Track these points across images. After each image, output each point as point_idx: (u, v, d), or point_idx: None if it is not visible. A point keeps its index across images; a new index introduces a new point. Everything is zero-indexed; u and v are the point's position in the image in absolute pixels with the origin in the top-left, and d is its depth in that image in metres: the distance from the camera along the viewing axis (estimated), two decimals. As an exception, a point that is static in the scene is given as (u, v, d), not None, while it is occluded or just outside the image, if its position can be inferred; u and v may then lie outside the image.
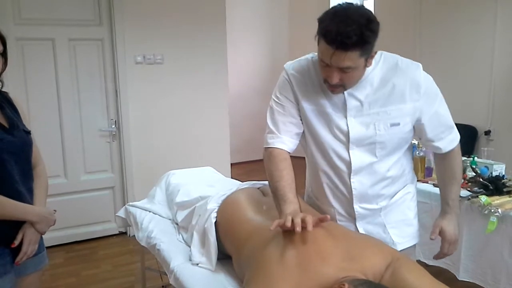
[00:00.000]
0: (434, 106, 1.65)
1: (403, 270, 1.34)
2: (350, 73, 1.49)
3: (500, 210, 2.34)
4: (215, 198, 2.00)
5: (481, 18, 4.24)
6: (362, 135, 1.63)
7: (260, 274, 1.35)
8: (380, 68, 1.61)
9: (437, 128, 1.68)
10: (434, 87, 1.66)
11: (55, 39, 3.72)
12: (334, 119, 1.65)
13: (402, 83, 1.59)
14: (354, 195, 1.70)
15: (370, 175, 1.68)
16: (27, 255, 1.68)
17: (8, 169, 1.62)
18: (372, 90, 1.61)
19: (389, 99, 1.61)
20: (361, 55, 1.45)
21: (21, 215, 1.67)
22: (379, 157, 1.66)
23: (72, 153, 3.92)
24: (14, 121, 1.70)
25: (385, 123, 1.61)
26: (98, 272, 3.51)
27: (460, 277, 2.55)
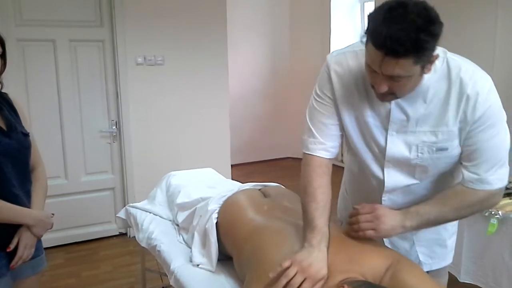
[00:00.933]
0: (485, 134, 1.35)
1: (403, 272, 1.33)
2: (401, 82, 1.25)
3: (501, 212, 2.33)
4: (216, 199, 2.00)
5: (482, 20, 4.23)
6: (400, 155, 1.43)
7: (260, 275, 1.35)
8: (438, 77, 1.35)
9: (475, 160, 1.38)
10: (495, 113, 1.35)
11: (56, 40, 3.72)
12: (373, 130, 1.44)
13: (457, 96, 1.34)
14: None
15: (405, 195, 1.50)
16: (23, 259, 1.66)
17: (5, 172, 1.61)
18: (424, 103, 1.36)
19: (442, 119, 1.36)
20: (416, 63, 1.20)
21: (17, 218, 1.65)
22: (419, 180, 1.46)
23: (73, 154, 3.92)
24: (12, 123, 1.68)
25: (430, 147, 1.39)
26: (98, 273, 3.50)
27: (461, 279, 2.55)
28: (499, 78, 4.16)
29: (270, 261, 1.37)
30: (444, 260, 1.65)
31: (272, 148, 7.14)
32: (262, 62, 7.03)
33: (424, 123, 1.38)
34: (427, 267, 1.60)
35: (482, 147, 1.35)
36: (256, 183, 2.17)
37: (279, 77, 7.08)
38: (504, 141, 1.37)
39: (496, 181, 1.38)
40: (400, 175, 1.47)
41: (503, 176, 1.39)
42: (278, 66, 7.09)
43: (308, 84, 7.02)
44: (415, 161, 1.42)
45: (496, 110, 1.35)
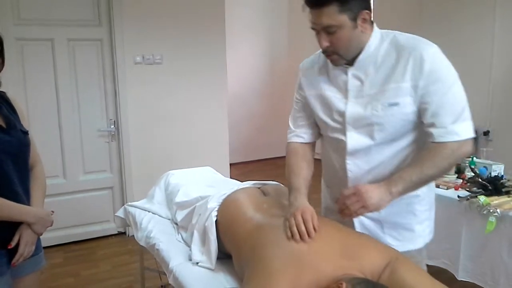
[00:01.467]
0: (438, 89, 1.48)
1: (402, 270, 1.34)
2: (336, 34, 1.47)
3: (499, 210, 2.34)
4: (215, 197, 2.00)
5: (480, 19, 4.24)
6: (358, 115, 1.57)
7: (259, 272, 1.35)
8: (385, 46, 1.55)
9: (436, 115, 1.50)
10: (444, 71, 1.50)
11: (54, 39, 3.72)
12: (333, 102, 1.62)
13: (405, 59, 1.50)
14: (349, 177, 1.65)
15: (368, 158, 1.60)
16: (24, 256, 1.67)
17: (5, 169, 1.61)
18: (375, 69, 1.54)
19: (390, 78, 1.52)
20: (341, 12, 1.43)
21: (18, 216, 1.65)
22: (378, 140, 1.57)
23: (71, 153, 3.92)
24: (11, 121, 1.69)
25: (383, 103, 1.53)
26: (97, 272, 3.50)
27: (459, 277, 2.56)
28: (497, 77, 4.20)
29: (269, 259, 1.37)
30: (411, 244, 1.69)
31: (271, 146, 7.14)
32: (260, 62, 7.03)
33: (376, 84, 1.54)
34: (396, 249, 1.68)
35: (441, 101, 1.49)
36: (255, 182, 2.17)
37: (277, 76, 7.08)
38: (459, 96, 1.53)
39: (463, 131, 1.50)
40: (360, 136, 1.59)
41: (468, 127, 1.52)
42: (276, 65, 7.09)
43: (307, 83, 6.84)
44: (371, 118, 1.55)
45: (443, 66, 1.51)
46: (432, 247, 2.68)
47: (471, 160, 2.93)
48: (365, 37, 1.54)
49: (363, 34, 1.52)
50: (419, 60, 1.48)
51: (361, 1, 1.47)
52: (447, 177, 2.93)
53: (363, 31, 1.51)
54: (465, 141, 1.51)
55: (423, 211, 1.70)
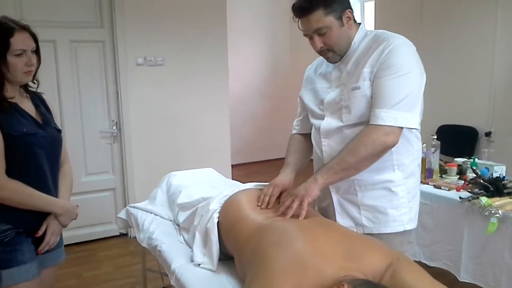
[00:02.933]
0: (385, 74, 1.60)
1: (403, 271, 1.34)
2: (327, 34, 1.66)
3: (501, 211, 2.34)
4: (217, 198, 2.00)
5: (482, 20, 4.24)
6: (332, 101, 1.75)
7: (261, 274, 1.35)
8: (366, 40, 1.72)
9: (376, 98, 1.62)
10: (400, 60, 1.60)
11: (57, 41, 3.73)
12: (320, 92, 1.83)
13: (373, 49, 1.66)
14: (324, 158, 1.80)
15: (340, 140, 1.73)
16: (50, 245, 1.80)
17: (40, 162, 1.75)
18: (355, 61, 1.71)
19: (359, 65, 1.69)
20: (327, 14, 1.63)
21: (47, 206, 1.78)
22: (346, 121, 1.71)
23: (73, 155, 3.90)
24: (47, 118, 1.85)
25: (348, 88, 1.70)
26: (99, 274, 3.51)
27: (461, 278, 2.55)
28: (499, 78, 4.19)
29: (271, 260, 1.38)
30: (385, 227, 1.76)
31: (272, 148, 7.14)
32: (262, 63, 7.04)
33: (350, 72, 1.72)
34: (368, 230, 1.77)
35: (380, 84, 1.61)
36: (257, 183, 2.17)
37: (279, 78, 7.08)
38: (406, 86, 1.60)
39: (389, 118, 1.58)
40: (332, 119, 1.76)
41: (398, 116, 1.59)
42: (278, 67, 7.10)
43: (308, 84, 6.83)
44: (340, 103, 1.72)
45: (399, 58, 1.60)
46: (433, 248, 2.69)
47: (473, 161, 2.93)
48: (353, 33, 1.73)
49: (350, 30, 1.71)
50: (382, 49, 1.63)
51: (342, 2, 1.66)
52: (448, 178, 2.93)
53: (350, 28, 1.70)
54: (387, 128, 1.59)
55: (400, 197, 1.76)
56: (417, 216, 1.84)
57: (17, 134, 1.67)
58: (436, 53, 4.53)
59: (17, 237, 1.71)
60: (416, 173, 1.82)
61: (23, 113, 1.75)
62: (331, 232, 1.51)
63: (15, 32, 1.67)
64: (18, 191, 1.70)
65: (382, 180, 1.74)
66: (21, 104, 1.77)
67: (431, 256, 2.71)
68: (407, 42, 1.67)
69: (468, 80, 4.35)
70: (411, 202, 1.79)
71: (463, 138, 4.34)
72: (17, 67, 1.68)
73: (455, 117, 4.43)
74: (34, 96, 1.89)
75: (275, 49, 7.08)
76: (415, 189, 1.82)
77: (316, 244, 1.41)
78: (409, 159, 1.76)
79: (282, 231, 1.50)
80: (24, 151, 1.71)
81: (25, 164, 1.72)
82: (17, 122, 1.70)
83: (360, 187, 1.77)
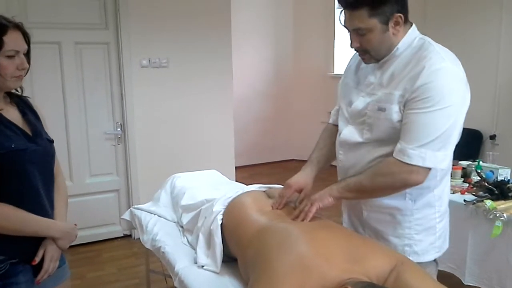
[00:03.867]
0: (418, 106, 1.44)
1: (407, 274, 1.34)
2: (366, 36, 1.51)
3: (506, 214, 2.33)
4: (221, 200, 2.01)
5: (486, 22, 4.23)
6: (357, 111, 1.64)
7: (264, 276, 1.35)
8: (409, 51, 1.54)
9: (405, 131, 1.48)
10: (437, 91, 1.42)
11: (61, 43, 3.74)
12: (351, 92, 1.69)
13: (410, 67, 1.49)
14: (339, 167, 1.75)
15: (357, 155, 1.65)
16: (49, 273, 1.59)
17: (32, 181, 1.53)
18: (390, 72, 1.55)
19: (391, 83, 1.54)
20: (371, 16, 1.46)
21: (44, 231, 1.57)
22: (365, 140, 1.62)
23: (78, 156, 3.93)
24: (37, 129, 1.61)
25: (374, 106, 1.57)
26: (103, 275, 3.51)
27: (465, 282, 2.54)
28: (503, 81, 4.18)
29: (274, 263, 1.38)
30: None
31: (276, 150, 7.13)
32: (266, 65, 7.04)
33: (381, 86, 1.57)
34: None
35: (412, 118, 1.45)
36: (261, 185, 2.17)
37: (283, 79, 7.08)
38: (440, 123, 1.43)
39: (416, 157, 1.45)
40: (353, 131, 1.65)
41: (426, 156, 1.45)
42: (282, 68, 7.10)
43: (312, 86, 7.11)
44: (364, 117, 1.60)
45: (438, 89, 1.42)
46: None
47: (477, 164, 2.92)
48: (398, 39, 1.55)
49: (395, 36, 1.53)
50: (419, 72, 1.45)
51: (393, 5, 1.48)
52: (453, 181, 2.92)
53: (395, 34, 1.52)
54: (413, 167, 1.46)
55: (404, 227, 1.65)
56: (430, 250, 1.69)
57: (4, 151, 1.43)
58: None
59: (12, 268, 1.49)
60: (434, 204, 1.66)
61: (9, 125, 1.50)
62: (334, 234, 1.51)
63: (9, 30, 1.45)
64: (10, 216, 1.46)
65: (389, 205, 1.63)
66: (6, 113, 1.52)
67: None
68: (450, 66, 1.47)
69: (473, 83, 4.30)
70: (421, 235, 1.66)
71: (468, 141, 4.32)
72: (7, 70, 1.46)
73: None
74: (20, 101, 1.64)
75: (279, 50, 7.08)
76: (431, 221, 1.66)
77: (319, 246, 1.40)
78: (426, 190, 1.61)
79: (285, 233, 1.50)
80: (14, 169, 1.47)
81: (15, 184, 1.48)
82: (4, 137, 1.46)
83: (366, 206, 1.69)
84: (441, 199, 1.69)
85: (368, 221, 1.71)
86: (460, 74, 1.50)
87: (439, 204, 1.68)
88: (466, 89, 1.52)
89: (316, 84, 6.71)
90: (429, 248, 1.68)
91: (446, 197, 1.74)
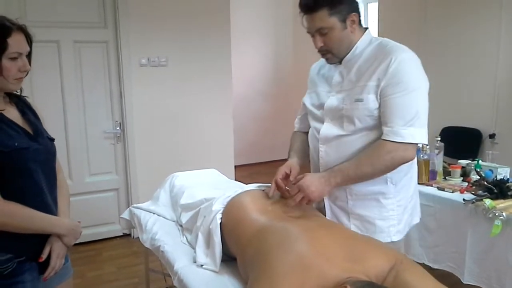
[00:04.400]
0: (395, 91, 1.61)
1: (407, 273, 1.34)
2: (328, 35, 1.67)
3: (505, 213, 2.33)
4: (220, 199, 2.00)
5: (486, 21, 4.23)
6: (333, 107, 1.75)
7: (264, 275, 1.35)
8: (371, 48, 1.72)
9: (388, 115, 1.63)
10: (408, 76, 1.61)
11: (60, 41, 3.74)
12: (321, 95, 1.84)
13: (378, 62, 1.64)
14: (321, 164, 1.82)
15: (338, 148, 1.75)
16: (55, 269, 1.60)
17: (36, 179, 1.55)
18: (357, 68, 1.71)
19: (363, 76, 1.68)
20: (331, 15, 1.63)
21: (50, 228, 1.59)
22: (346, 131, 1.72)
23: (77, 155, 3.93)
24: (38, 128, 1.64)
25: (351, 98, 1.70)
26: (102, 274, 3.51)
27: (464, 281, 2.54)
28: (503, 80, 4.18)
29: (274, 262, 1.37)
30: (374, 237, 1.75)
31: (276, 149, 7.13)
32: (265, 64, 7.04)
33: (352, 81, 1.71)
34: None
35: (391, 102, 1.62)
36: (260, 184, 2.17)
37: (282, 79, 7.08)
38: (416, 102, 1.62)
39: (408, 135, 1.61)
40: (332, 126, 1.77)
41: (415, 133, 1.62)
42: (281, 68, 7.09)
43: (312, 85, 6.81)
44: (342, 111, 1.72)
45: (409, 74, 1.62)
46: (437, 251, 2.68)
47: (476, 163, 2.92)
48: (355, 38, 1.72)
49: (353, 34, 1.71)
50: (388, 62, 1.62)
51: (349, 5, 1.67)
52: (452, 180, 2.92)
53: (352, 32, 1.70)
54: (406, 145, 1.63)
55: (389, 209, 1.78)
56: (406, 228, 1.85)
57: (8, 150, 1.46)
58: (440, 55, 4.52)
59: (18, 267, 1.51)
60: (409, 185, 1.84)
61: (11, 124, 1.53)
62: (333, 233, 1.51)
63: (13, 33, 1.48)
64: (17, 214, 1.48)
65: (374, 191, 1.76)
66: (7, 113, 1.54)
67: (435, 258, 2.70)
68: (413, 55, 1.67)
69: (472, 81, 4.34)
70: (401, 214, 1.81)
71: (467, 140, 4.32)
72: (10, 72, 1.48)
73: (459, 118, 4.42)
74: (19, 101, 1.66)
75: (278, 50, 7.08)
76: (406, 201, 1.83)
77: (318, 245, 1.40)
78: (403, 173, 1.77)
79: (284, 232, 1.50)
80: (18, 167, 1.50)
81: (19, 182, 1.51)
82: (7, 136, 1.48)
83: (352, 195, 1.79)
84: (412, 180, 1.86)
85: (354, 209, 1.80)
86: (419, 61, 1.68)
87: (411, 185, 1.85)
88: (425, 74, 1.69)
89: (315, 83, 6.69)
90: (405, 225, 1.84)
91: (415, 178, 1.90)
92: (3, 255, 1.49)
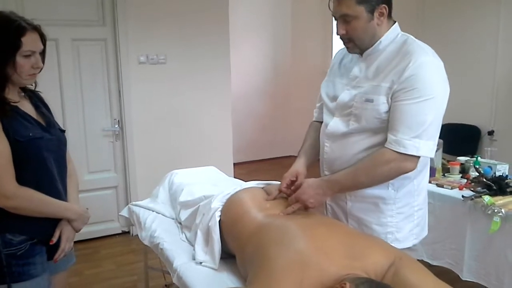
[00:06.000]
0: (406, 97, 1.52)
1: (406, 269, 1.34)
2: (352, 24, 1.57)
3: (504, 210, 2.33)
4: (219, 197, 2.00)
5: (484, 18, 4.22)
6: (343, 101, 1.69)
7: (263, 272, 1.35)
8: (394, 46, 1.62)
9: (396, 121, 1.54)
10: (424, 83, 1.51)
11: (59, 39, 3.72)
12: (337, 87, 1.75)
13: (396, 62, 1.56)
14: (325, 159, 1.79)
15: (342, 146, 1.70)
16: (65, 252, 1.73)
17: (49, 167, 1.67)
18: (376, 65, 1.63)
19: (378, 76, 1.60)
20: (359, 3, 1.53)
21: (62, 212, 1.72)
22: (351, 130, 1.67)
23: (75, 153, 3.91)
24: (50, 120, 1.76)
25: (361, 97, 1.62)
26: (101, 271, 3.51)
27: (463, 277, 2.55)
28: (502, 77, 4.18)
29: (273, 259, 1.37)
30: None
31: (274, 146, 7.14)
32: (264, 61, 7.03)
33: (367, 78, 1.63)
34: None
35: (401, 108, 1.52)
36: (259, 182, 2.17)
37: (281, 76, 7.07)
38: (428, 113, 1.52)
39: (411, 147, 1.52)
40: (340, 122, 1.70)
41: (420, 146, 1.52)
42: (279, 65, 7.09)
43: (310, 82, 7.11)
44: (351, 109, 1.65)
45: (424, 80, 1.51)
46: (436, 247, 2.68)
47: (475, 160, 2.92)
48: (381, 32, 1.62)
49: (379, 27, 1.60)
50: (406, 65, 1.52)
51: None
52: (451, 176, 2.92)
53: (379, 24, 1.60)
54: (408, 156, 1.54)
55: (387, 215, 1.71)
56: (410, 238, 1.75)
57: (23, 140, 1.58)
58: (438, 51, 4.49)
59: (31, 248, 1.63)
60: (414, 192, 1.73)
61: (26, 116, 1.65)
62: (333, 230, 1.51)
63: (27, 32, 1.61)
64: (33, 198, 1.61)
65: (373, 195, 1.69)
66: (22, 106, 1.67)
67: (434, 254, 2.71)
68: (433, 60, 1.56)
69: (471, 78, 4.34)
70: (402, 222, 1.72)
71: (466, 137, 4.33)
72: (23, 69, 1.60)
73: (457, 115, 4.42)
74: (33, 95, 1.79)
75: (277, 47, 7.07)
76: (411, 209, 1.73)
77: (318, 242, 1.41)
78: (407, 179, 1.68)
79: (283, 229, 1.50)
80: (32, 156, 1.61)
81: (34, 170, 1.63)
82: (22, 127, 1.60)
83: (351, 196, 1.74)
84: (420, 188, 1.75)
85: (352, 211, 1.76)
86: (442, 67, 1.59)
87: (418, 193, 1.74)
88: (447, 82, 1.60)
89: (314, 81, 6.63)
90: (408, 235, 1.75)
91: (425, 187, 1.80)
92: (18, 236, 1.60)
